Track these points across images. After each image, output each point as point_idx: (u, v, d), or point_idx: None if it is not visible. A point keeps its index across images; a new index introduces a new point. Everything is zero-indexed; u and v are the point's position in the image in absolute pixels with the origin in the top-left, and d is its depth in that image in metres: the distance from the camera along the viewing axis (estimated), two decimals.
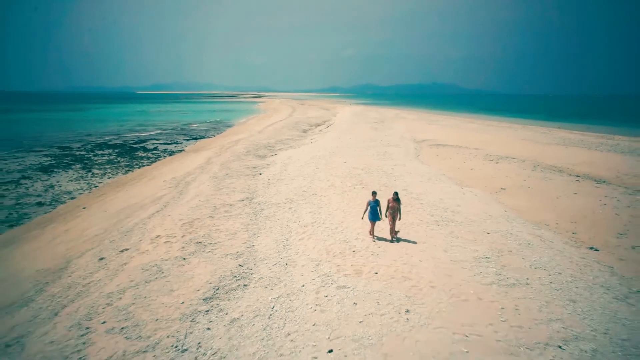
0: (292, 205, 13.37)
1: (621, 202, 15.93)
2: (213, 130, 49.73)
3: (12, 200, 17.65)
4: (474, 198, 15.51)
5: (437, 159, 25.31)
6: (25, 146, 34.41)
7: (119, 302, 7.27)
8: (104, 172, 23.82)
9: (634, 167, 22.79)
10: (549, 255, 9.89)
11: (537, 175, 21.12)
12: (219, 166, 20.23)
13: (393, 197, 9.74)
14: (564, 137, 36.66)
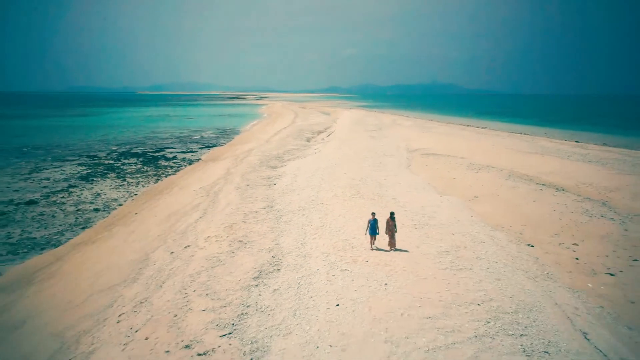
0: (304, 212, 17.18)
1: (567, 208, 19.71)
2: (222, 137, 53.53)
3: (72, 207, 21.46)
4: (449, 205, 19.30)
5: (425, 169, 29.08)
6: (57, 155, 38.17)
7: (199, 279, 11.02)
8: (137, 181, 27.61)
9: (592, 177, 26.53)
10: (493, 250, 13.69)
11: (508, 184, 24.89)
12: (239, 177, 24.05)
13: (390, 217, 13.35)
14: (543, 146, 40.41)
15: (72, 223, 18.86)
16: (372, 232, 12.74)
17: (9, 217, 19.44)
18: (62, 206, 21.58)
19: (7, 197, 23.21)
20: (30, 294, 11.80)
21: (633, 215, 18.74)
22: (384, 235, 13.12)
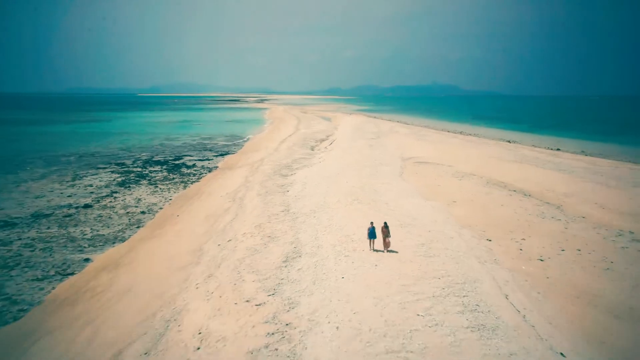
0: (315, 214, 21.78)
1: (527, 211, 24.32)
2: (233, 144, 58.14)
3: (122, 210, 26.06)
4: (431, 209, 23.89)
5: (415, 176, 33.67)
6: (90, 163, 42.73)
7: (245, 262, 15.59)
8: (168, 188, 32.19)
9: (556, 184, 31.10)
10: (458, 243, 18.28)
11: (484, 190, 29.48)
12: (258, 185, 28.67)
13: (384, 225, 17.75)
14: (524, 155, 45.00)
15: (127, 223, 23.45)
16: (372, 236, 17.08)
17: (76, 218, 24.04)
18: (113, 209, 26.18)
19: (66, 201, 27.81)
20: (121, 273, 16.40)
21: (577, 216, 23.37)
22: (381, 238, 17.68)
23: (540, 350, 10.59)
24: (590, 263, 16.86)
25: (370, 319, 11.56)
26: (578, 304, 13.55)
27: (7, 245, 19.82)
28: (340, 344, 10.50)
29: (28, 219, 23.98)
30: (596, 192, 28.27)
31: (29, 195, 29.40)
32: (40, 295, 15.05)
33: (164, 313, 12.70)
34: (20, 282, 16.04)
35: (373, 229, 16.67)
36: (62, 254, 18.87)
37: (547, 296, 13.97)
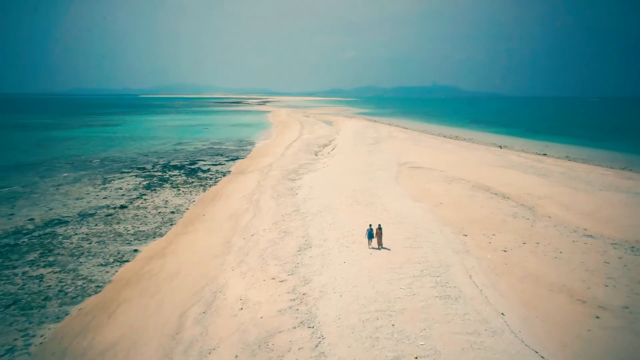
0: (321, 214, 25.91)
1: (502, 211, 28.41)
2: (242, 149, 62.29)
3: (154, 210, 30.21)
4: (419, 210, 27.99)
5: (409, 181, 37.77)
6: (113, 168, 46.85)
7: (267, 252, 19.70)
8: (189, 190, 36.33)
9: (534, 187, 35.11)
10: (438, 237, 22.38)
11: (469, 193, 33.56)
12: (270, 189, 32.83)
13: (378, 227, 21.72)
14: (510, 160, 49.04)
15: (161, 221, 27.60)
16: (370, 236, 20.91)
17: (116, 217, 28.20)
18: (146, 209, 30.34)
19: (103, 203, 31.98)
20: (169, 260, 20.56)
21: (544, 216, 27.46)
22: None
23: (487, 311, 14.71)
24: (543, 253, 20.97)
25: (365, 290, 15.69)
26: (524, 282, 17.66)
27: (69, 238, 23.98)
28: (342, 305, 14.63)
29: (77, 217, 28.15)
30: (566, 195, 32.33)
31: (70, 197, 33.58)
32: (109, 276, 19.20)
33: (210, 287, 16.86)
34: (89, 266, 20.20)
35: (371, 230, 20.47)
36: (114, 245, 23.04)
37: (502, 277, 18.10)
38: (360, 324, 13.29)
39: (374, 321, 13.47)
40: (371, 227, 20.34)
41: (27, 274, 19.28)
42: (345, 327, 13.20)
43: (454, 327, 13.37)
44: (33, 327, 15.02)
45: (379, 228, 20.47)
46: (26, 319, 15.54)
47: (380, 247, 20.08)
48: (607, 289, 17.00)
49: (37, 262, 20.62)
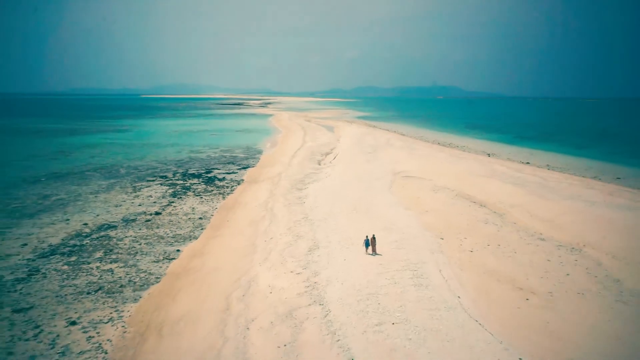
0: (326, 220, 31.55)
1: (476, 218, 34.02)
2: (251, 157, 67.96)
3: (184, 216, 35.85)
4: (407, 216, 33.61)
5: (401, 190, 43.38)
6: (138, 176, 52.38)
7: (285, 251, 25.28)
8: (211, 198, 41.95)
9: (509, 196, 40.67)
10: (420, 240, 28.01)
11: (451, 202, 39.18)
12: (282, 198, 38.52)
13: (372, 237, 27.22)
14: (493, 169, 54.60)
15: (193, 226, 33.27)
16: (367, 245, 26.31)
17: (155, 222, 33.88)
18: (177, 215, 36.01)
19: (140, 209, 37.66)
20: (207, 258, 26.21)
21: (510, 222, 33.10)
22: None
23: (447, 295, 20.35)
24: (501, 253, 26.61)
25: (360, 280, 21.36)
26: (482, 275, 23.31)
27: (122, 240, 29.66)
28: (343, 290, 20.30)
29: (122, 222, 33.84)
30: (533, 204, 37.92)
31: (110, 204, 39.25)
32: (162, 270, 24.87)
33: (245, 278, 22.53)
34: (145, 263, 25.88)
35: (367, 240, 25.91)
36: (160, 246, 28.72)
37: (465, 271, 23.75)
38: (356, 302, 18.97)
39: (365, 300, 19.15)
40: (367, 238, 25.67)
41: (100, 268, 24.97)
42: (345, 304, 18.88)
43: (422, 305, 19.04)
44: (119, 305, 20.69)
45: (373, 237, 25.93)
46: (113, 300, 21.22)
47: (374, 254, 25.35)
48: (541, 279, 22.66)
49: (104, 259, 26.32)
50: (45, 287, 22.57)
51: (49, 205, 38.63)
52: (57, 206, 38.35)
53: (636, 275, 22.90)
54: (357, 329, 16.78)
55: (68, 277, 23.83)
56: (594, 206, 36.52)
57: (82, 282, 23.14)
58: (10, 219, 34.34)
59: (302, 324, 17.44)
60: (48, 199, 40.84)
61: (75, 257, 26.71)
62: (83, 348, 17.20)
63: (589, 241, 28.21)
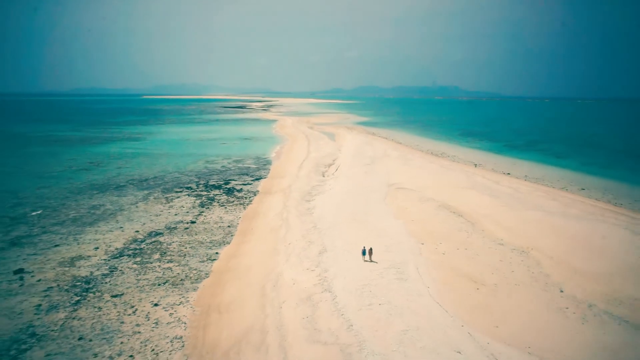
0: (331, 229, 39.57)
1: (453, 226, 41.98)
2: (261, 168, 75.92)
3: (215, 224, 43.84)
4: (396, 225, 41.61)
5: (393, 201, 51.34)
6: (165, 188, 60.28)
7: (301, 254, 33.28)
8: (233, 208, 49.94)
9: (484, 206, 48.60)
10: (404, 245, 36.01)
11: (435, 212, 47.14)
12: (294, 209, 46.55)
13: (370, 249, 34.97)
14: (475, 181, 62.53)
15: (224, 233, 41.29)
16: (364, 254, 34.02)
17: (193, 230, 41.90)
18: (209, 224, 44.03)
19: (177, 219, 45.68)
20: (241, 259, 34.22)
21: (480, 230, 41.05)
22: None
23: (420, 286, 28.34)
24: (467, 255, 34.59)
25: (357, 275, 29.39)
26: (448, 272, 31.28)
27: (170, 245, 37.71)
28: (345, 283, 28.33)
29: (166, 230, 41.89)
30: (502, 214, 45.93)
31: (150, 214, 47.29)
32: (208, 269, 32.90)
33: (273, 273, 30.56)
34: (194, 263, 33.91)
35: (365, 250, 33.70)
36: (202, 249, 36.77)
37: (436, 269, 31.72)
38: (354, 290, 27.04)
39: (360, 289, 27.22)
40: (364, 248, 33.42)
41: (161, 267, 33.05)
42: (346, 291, 26.94)
43: (400, 292, 27.07)
44: (184, 293, 28.74)
45: (370, 249, 33.60)
46: (178, 289, 29.29)
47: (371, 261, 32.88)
48: (492, 275, 30.68)
49: (162, 260, 34.39)
50: (126, 280, 30.65)
51: (101, 215, 46.66)
52: (109, 215, 46.39)
53: (561, 271, 30.97)
54: (354, 307, 24.85)
55: (139, 273, 31.90)
56: (550, 216, 44.53)
57: (152, 277, 31.22)
58: (76, 226, 42.39)
59: (317, 304, 25.52)
60: (98, 209, 48.88)
61: (139, 258, 34.78)
62: (169, 320, 25.27)
63: (536, 245, 36.25)
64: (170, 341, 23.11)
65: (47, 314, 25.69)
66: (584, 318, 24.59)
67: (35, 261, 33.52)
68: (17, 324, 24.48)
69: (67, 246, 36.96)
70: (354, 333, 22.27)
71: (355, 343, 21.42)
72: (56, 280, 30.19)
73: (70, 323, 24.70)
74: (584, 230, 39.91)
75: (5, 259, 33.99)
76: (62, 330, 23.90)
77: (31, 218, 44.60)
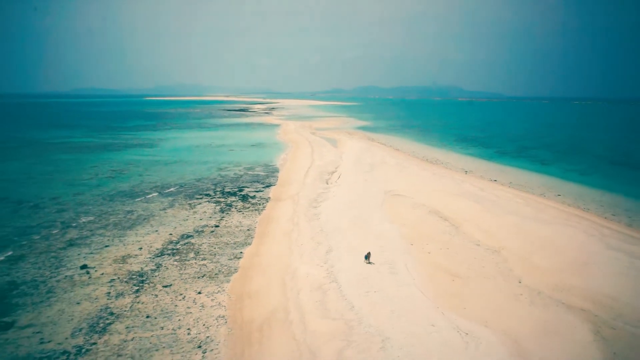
0: (335, 232, 46.92)
1: (439, 229, 49.35)
2: (270, 175, 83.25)
3: (236, 228, 51.21)
4: (391, 229, 48.93)
5: (389, 207, 58.71)
6: (187, 194, 67.51)
7: (312, 253, 40.64)
8: (249, 214, 57.26)
9: (467, 211, 55.94)
10: (397, 246, 43.38)
11: (424, 217, 54.50)
12: (303, 215, 53.94)
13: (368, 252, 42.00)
14: (463, 188, 69.79)
15: (245, 235, 48.65)
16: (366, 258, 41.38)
17: (218, 233, 49.26)
18: (231, 228, 51.38)
19: (202, 223, 53.03)
20: (263, 259, 41.58)
21: (462, 232, 48.39)
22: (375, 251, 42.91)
23: (407, 278, 35.72)
24: (448, 254, 41.90)
25: (358, 271, 36.77)
26: (432, 268, 38.61)
27: (201, 246, 45.07)
28: (348, 276, 35.71)
29: (195, 233, 49.24)
30: (482, 218, 53.30)
31: (178, 219, 54.65)
32: (236, 265, 40.26)
33: (290, 269, 37.92)
34: (224, 260, 41.27)
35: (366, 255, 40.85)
36: (228, 249, 44.13)
37: (422, 266, 39.06)
38: (355, 282, 34.44)
39: (360, 280, 34.62)
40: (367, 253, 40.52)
41: (197, 264, 40.42)
42: (349, 282, 34.33)
43: (391, 283, 34.44)
44: (220, 284, 36.12)
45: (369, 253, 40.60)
46: (214, 281, 36.67)
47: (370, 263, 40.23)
48: (466, 269, 38.02)
49: (197, 258, 41.79)
50: (170, 274, 38.05)
51: (136, 219, 54.04)
52: (143, 220, 53.79)
53: (523, 267, 38.35)
54: (355, 294, 32.27)
55: (181, 268, 39.31)
56: (523, 220, 51.95)
57: (191, 272, 38.63)
58: (118, 230, 49.80)
59: (326, 291, 32.94)
60: (132, 214, 56.28)
61: (178, 256, 42.19)
62: (211, 304, 32.66)
63: (506, 246, 43.65)
64: (216, 319, 30.48)
65: (116, 299, 33.08)
66: (532, 301, 31.99)
67: (93, 259, 40.91)
68: (97, 306, 31.89)
69: (116, 246, 44.32)
70: (355, 312, 29.71)
71: (355, 319, 28.85)
72: (115, 274, 37.57)
73: (137, 305, 32.09)
74: (549, 233, 47.32)
75: (69, 257, 41.34)
76: (132, 311, 31.29)
77: (79, 223, 52.00)
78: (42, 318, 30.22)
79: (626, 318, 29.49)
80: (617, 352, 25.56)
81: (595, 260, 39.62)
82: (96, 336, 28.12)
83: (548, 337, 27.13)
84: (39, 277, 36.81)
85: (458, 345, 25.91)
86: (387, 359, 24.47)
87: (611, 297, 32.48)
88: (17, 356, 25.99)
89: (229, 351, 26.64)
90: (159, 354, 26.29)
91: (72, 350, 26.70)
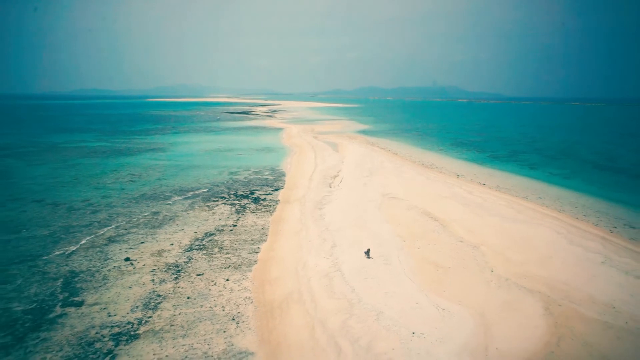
0: (338, 231, 54.23)
1: (429, 228, 56.64)
2: (278, 179, 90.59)
3: (252, 227, 58.53)
4: (387, 229, 56.29)
5: (386, 209, 66.05)
6: (204, 197, 74.85)
7: (319, 248, 47.87)
8: (262, 215, 64.56)
9: (455, 213, 63.26)
10: (392, 243, 50.74)
11: (417, 218, 61.82)
12: (310, 216, 61.30)
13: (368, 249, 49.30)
14: (453, 191, 77.10)
15: (260, 234, 55.99)
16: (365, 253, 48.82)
17: (237, 231, 56.62)
18: (247, 227, 58.73)
19: (221, 223, 60.37)
20: (277, 252, 48.91)
21: (449, 231, 55.69)
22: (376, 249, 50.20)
23: (399, 268, 43.03)
24: (435, 249, 49.19)
25: (359, 263, 44.12)
26: (420, 260, 45.91)
27: (224, 242, 52.40)
28: (351, 267, 43.05)
29: (216, 231, 56.58)
30: (468, 220, 60.58)
31: (200, 219, 62.01)
32: (255, 258, 47.58)
33: (301, 261, 45.25)
34: (245, 254, 48.62)
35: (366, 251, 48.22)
36: (247, 245, 51.45)
37: (412, 258, 46.35)
38: (356, 271, 41.81)
39: (360, 269, 41.99)
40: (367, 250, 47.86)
41: (222, 257, 47.77)
42: (351, 271, 41.69)
43: (385, 273, 41.77)
44: (243, 273, 43.45)
45: (368, 249, 48.00)
46: (238, 271, 44.00)
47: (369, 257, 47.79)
48: (449, 262, 45.32)
49: (221, 252, 49.14)
50: (201, 265, 45.43)
51: (162, 220, 61.43)
52: (169, 220, 61.19)
53: (497, 260, 45.66)
54: (355, 280, 39.63)
55: (209, 261, 46.69)
56: (503, 221, 59.29)
57: (218, 263, 46.02)
58: (149, 228, 57.20)
59: (332, 279, 40.31)
60: (159, 215, 63.68)
61: (205, 251, 49.58)
62: (238, 289, 40.04)
63: (486, 242, 50.98)
64: (243, 299, 37.87)
65: (160, 285, 40.49)
66: (499, 286, 39.35)
67: (134, 253, 48.30)
68: (146, 290, 39.30)
69: (150, 243, 51.71)
70: (355, 294, 37.09)
71: (356, 299, 36.23)
72: (155, 265, 44.96)
73: (178, 290, 39.50)
74: (523, 231, 54.66)
75: (112, 251, 48.74)
76: (175, 294, 38.70)
77: (113, 222, 59.42)
78: (104, 298, 37.65)
79: (572, 298, 36.84)
80: (559, 323, 32.89)
81: (558, 254, 46.96)
82: (150, 312, 35.51)
83: (507, 312, 34.48)
84: (93, 268, 44.21)
85: (435, 317, 33.28)
86: (380, 326, 31.81)
87: (564, 282, 39.83)
88: (93, 325, 33.40)
89: (256, 322, 34.02)
90: (203, 325, 33.67)
91: (134, 321, 34.10)
